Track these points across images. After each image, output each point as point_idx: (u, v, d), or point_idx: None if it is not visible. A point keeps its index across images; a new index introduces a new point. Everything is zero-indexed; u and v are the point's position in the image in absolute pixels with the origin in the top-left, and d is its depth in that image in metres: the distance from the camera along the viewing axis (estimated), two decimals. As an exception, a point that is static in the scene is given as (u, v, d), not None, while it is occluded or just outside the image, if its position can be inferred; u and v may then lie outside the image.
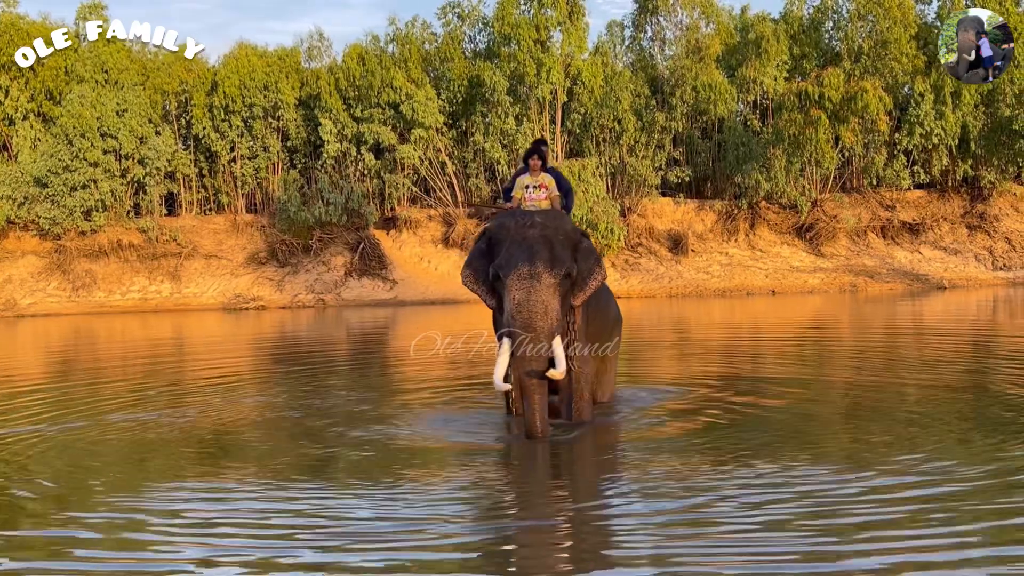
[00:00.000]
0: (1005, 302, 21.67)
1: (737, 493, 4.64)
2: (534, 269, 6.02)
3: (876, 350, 12.35)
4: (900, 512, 4.25)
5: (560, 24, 29.78)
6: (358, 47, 30.75)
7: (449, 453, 6.09)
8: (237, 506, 4.82)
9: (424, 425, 7.02)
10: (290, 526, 4.38)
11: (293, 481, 5.32)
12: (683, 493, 4.72)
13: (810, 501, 4.47)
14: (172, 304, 27.61)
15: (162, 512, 4.68)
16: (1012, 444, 5.66)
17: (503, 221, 6.39)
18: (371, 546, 4.06)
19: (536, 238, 6.15)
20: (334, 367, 12.31)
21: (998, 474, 4.91)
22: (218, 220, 30.43)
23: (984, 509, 4.29)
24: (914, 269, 28.32)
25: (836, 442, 6.10)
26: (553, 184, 6.84)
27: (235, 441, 6.80)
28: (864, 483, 4.77)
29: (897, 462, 5.24)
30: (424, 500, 4.79)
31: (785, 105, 28.74)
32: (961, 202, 30.76)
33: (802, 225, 29.55)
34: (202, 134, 30.02)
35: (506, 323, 6.07)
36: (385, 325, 20.56)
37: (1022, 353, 11.33)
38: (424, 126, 29.05)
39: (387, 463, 5.75)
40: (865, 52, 29.91)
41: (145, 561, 3.97)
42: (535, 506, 4.86)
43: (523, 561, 3.97)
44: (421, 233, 29.86)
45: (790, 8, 31.64)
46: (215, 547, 4.11)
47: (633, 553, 3.93)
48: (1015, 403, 7.18)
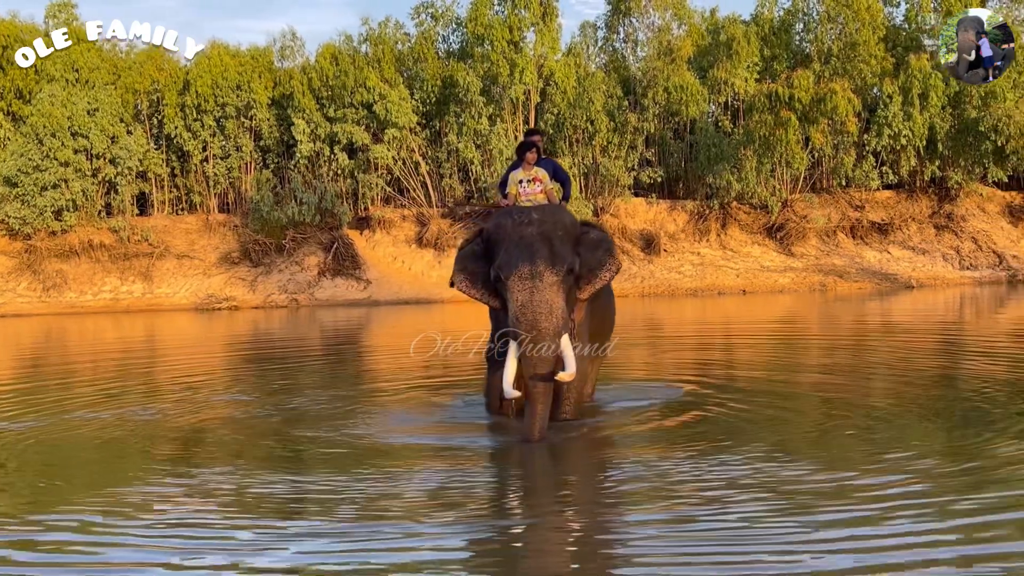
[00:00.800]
0: (971, 301, 22.02)
1: (714, 492, 4.72)
2: (535, 268, 5.91)
3: (848, 348, 12.56)
4: (874, 509, 4.34)
5: (533, 25, 29.90)
6: (331, 47, 30.73)
7: (424, 453, 6.07)
8: (204, 506, 4.80)
9: (395, 424, 7.04)
10: (261, 527, 4.39)
11: (258, 480, 5.31)
12: (662, 493, 4.80)
13: (785, 499, 4.56)
14: (144, 304, 27.47)
15: (123, 513, 4.66)
16: (983, 439, 5.80)
17: (500, 221, 6.25)
18: (345, 547, 4.08)
19: (534, 236, 6.03)
20: (306, 366, 12.35)
21: (970, 471, 5.04)
22: (190, 220, 30.31)
23: (957, 506, 4.38)
24: (883, 268, 28.67)
25: (810, 440, 6.18)
26: (547, 177, 6.69)
27: (200, 440, 6.78)
28: (842, 481, 4.86)
29: (870, 459, 5.35)
30: (399, 499, 4.81)
31: (756, 106, 29.01)
32: (929, 202, 31.15)
33: (773, 225, 29.84)
34: (174, 133, 29.88)
35: (511, 326, 5.98)
36: (359, 325, 20.60)
37: (989, 350, 11.55)
38: (397, 126, 29.08)
39: (358, 462, 5.74)
40: (834, 54, 30.25)
41: (110, 566, 3.93)
42: (512, 508, 4.91)
43: (501, 564, 3.99)
44: (395, 233, 29.87)
45: (761, 10, 31.92)
46: (180, 549, 4.09)
47: (614, 553, 4.02)
48: (984, 398, 7.35)
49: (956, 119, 29.95)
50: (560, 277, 5.99)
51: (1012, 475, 4.96)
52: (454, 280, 6.41)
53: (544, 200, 6.61)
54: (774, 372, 10.02)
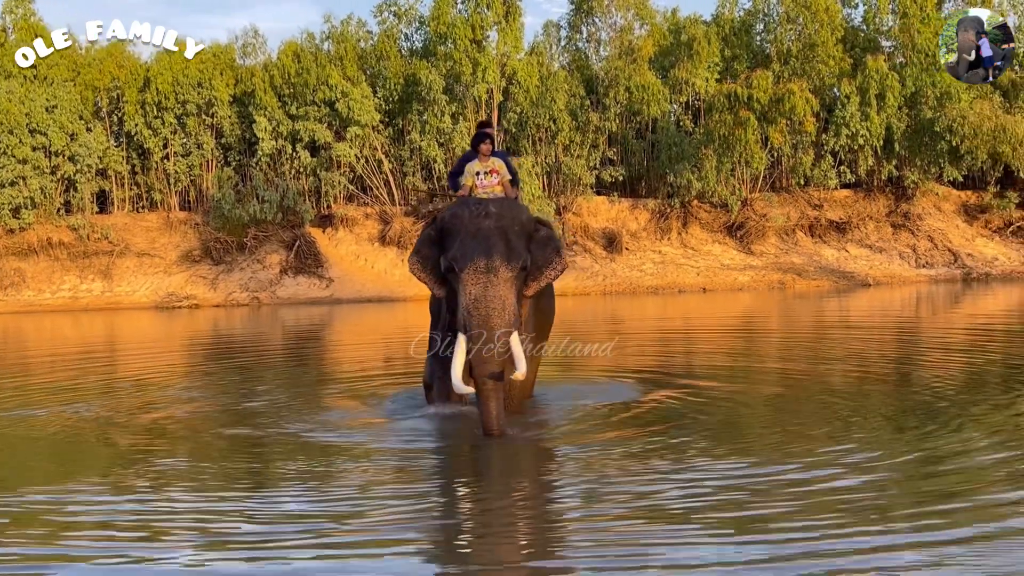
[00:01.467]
0: (927, 298, 22.37)
1: (670, 487, 4.79)
2: (491, 263, 5.86)
3: (806, 344, 12.78)
4: (829, 500, 4.45)
5: (496, 24, 29.97)
6: (293, 44, 30.65)
7: (377, 451, 6.06)
8: (135, 507, 4.76)
9: (350, 422, 7.06)
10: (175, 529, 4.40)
11: (187, 482, 5.31)
12: (617, 489, 4.86)
13: (740, 492, 4.64)
14: (103, 303, 27.26)
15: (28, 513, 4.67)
16: (936, 432, 5.96)
17: (456, 211, 6.17)
18: (301, 542, 4.10)
19: (491, 230, 5.97)
20: (267, 364, 12.37)
21: (923, 462, 5.18)
22: (151, 218, 30.10)
23: (909, 496, 4.52)
24: (840, 267, 29.05)
25: (767, 434, 6.28)
26: (504, 168, 6.66)
27: (148, 439, 6.74)
28: (794, 474, 4.97)
29: (825, 452, 5.47)
30: (352, 497, 4.85)
31: (715, 106, 29.28)
32: (886, 201, 31.59)
33: (733, 224, 30.14)
34: (134, 131, 29.66)
35: (461, 319, 5.93)
36: (321, 323, 20.60)
37: (943, 346, 11.79)
38: (360, 124, 29.05)
39: (313, 460, 5.74)
40: (793, 54, 30.60)
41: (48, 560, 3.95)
42: (464, 503, 4.93)
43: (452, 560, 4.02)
44: (357, 231, 29.85)
45: (722, 10, 32.22)
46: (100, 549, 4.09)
47: (562, 548, 4.07)
48: (937, 392, 7.55)
49: (912, 119, 30.39)
50: (514, 273, 5.99)
51: (945, 469, 5.10)
52: (408, 261, 6.41)
53: (500, 192, 6.59)
54: (735, 365, 10.20)
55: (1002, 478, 4.86)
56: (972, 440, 5.75)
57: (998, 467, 5.07)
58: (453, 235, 6.08)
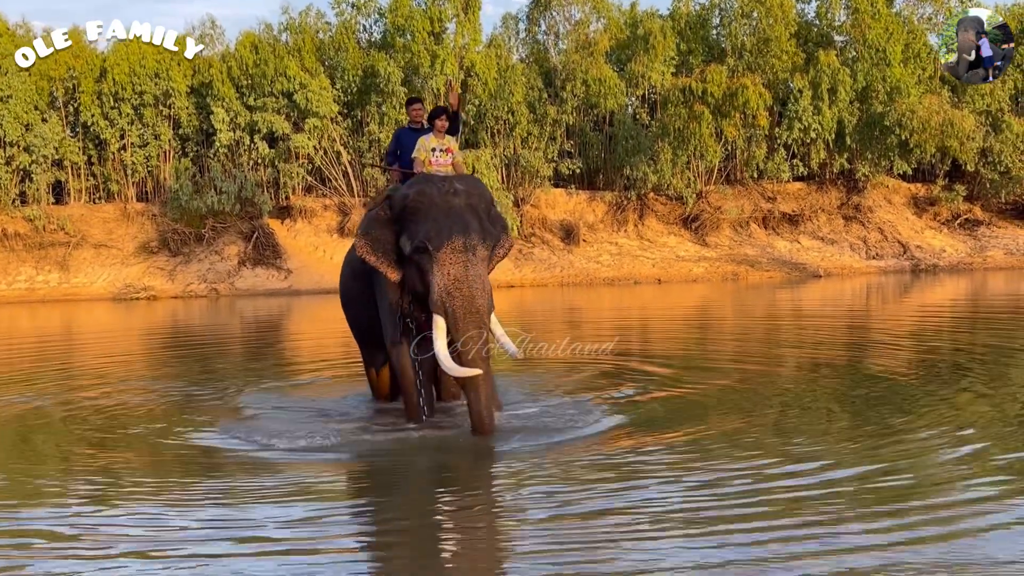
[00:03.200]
0: (877, 289, 22.87)
1: (622, 485, 4.89)
2: (468, 241, 5.68)
3: (759, 334, 13.15)
4: (779, 495, 4.58)
5: (455, 16, 30.13)
6: (251, 36, 30.58)
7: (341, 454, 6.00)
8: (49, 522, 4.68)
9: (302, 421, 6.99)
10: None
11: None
12: (566, 486, 4.95)
13: (699, 491, 4.78)
14: (60, 294, 27.15)
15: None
16: (887, 422, 6.19)
17: (422, 188, 5.88)
18: (250, 551, 4.10)
19: (463, 207, 5.78)
20: (224, 356, 12.51)
21: (877, 458, 5.27)
22: (108, 209, 29.96)
23: (861, 489, 4.67)
24: (793, 258, 29.60)
25: (719, 427, 6.36)
26: (457, 147, 6.48)
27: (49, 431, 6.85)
28: (753, 469, 5.12)
29: (777, 445, 5.66)
30: (307, 502, 4.85)
31: (671, 100, 29.67)
32: (838, 194, 32.19)
33: (688, 216, 30.59)
34: (91, 121, 29.48)
35: (437, 301, 5.67)
36: (280, 314, 20.72)
37: (893, 337, 12.20)
38: (318, 115, 29.11)
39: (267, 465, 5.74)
40: (748, 49, 31.06)
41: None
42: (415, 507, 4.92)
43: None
44: (316, 222, 29.92)
45: (678, 5, 32.58)
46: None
47: (509, 550, 4.14)
48: (887, 382, 7.82)
49: (863, 113, 30.97)
50: (488, 252, 5.85)
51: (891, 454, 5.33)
52: (356, 244, 6.03)
53: (451, 171, 6.39)
54: (689, 355, 10.46)
55: (952, 464, 5.12)
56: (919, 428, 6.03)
57: (944, 450, 5.36)
58: (419, 214, 5.80)
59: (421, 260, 5.76)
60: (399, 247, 5.94)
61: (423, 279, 5.78)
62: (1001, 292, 20.83)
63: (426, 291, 5.80)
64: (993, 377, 8.17)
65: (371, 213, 6.16)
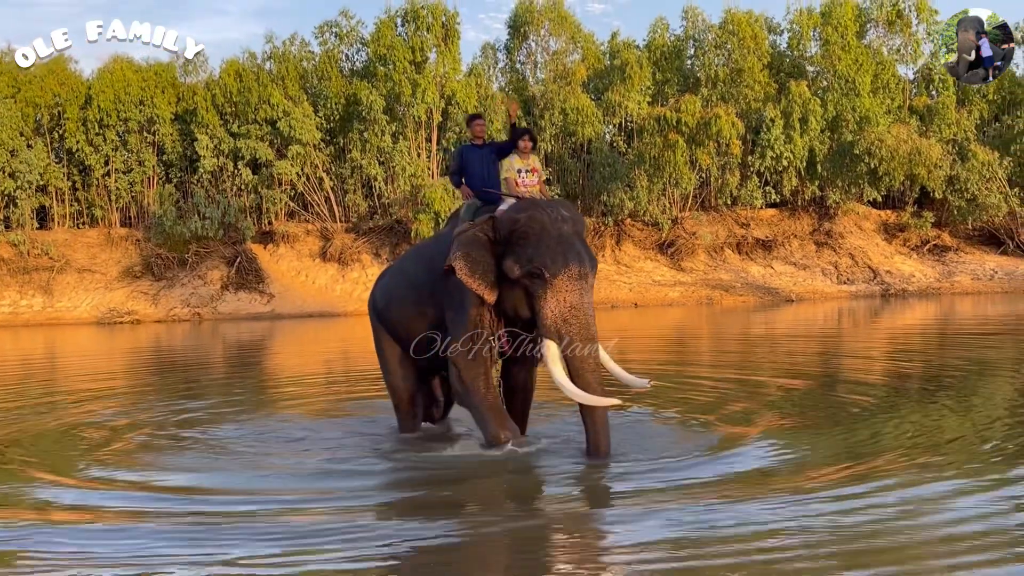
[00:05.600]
0: (848, 313, 23.29)
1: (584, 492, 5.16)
2: (583, 269, 5.69)
3: (734, 354, 13.61)
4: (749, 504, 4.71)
5: (436, 46, 30.75)
6: (235, 63, 31.08)
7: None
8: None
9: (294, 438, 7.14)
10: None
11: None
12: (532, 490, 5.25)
13: (669, 489, 4.99)
14: (44, 318, 27.43)
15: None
16: (859, 437, 6.37)
17: (534, 214, 5.81)
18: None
19: (572, 234, 5.78)
20: (208, 379, 12.83)
21: (847, 479, 5.27)
22: (92, 234, 30.30)
23: (830, 497, 4.81)
24: (766, 283, 30.23)
25: (689, 438, 6.56)
26: (541, 167, 6.38)
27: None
28: (725, 472, 5.36)
29: (750, 454, 5.87)
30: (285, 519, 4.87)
31: (646, 129, 30.34)
32: (810, 220, 32.91)
33: (664, 241, 31.22)
34: (76, 148, 29.88)
35: (551, 327, 5.67)
36: (262, 338, 21.03)
37: (865, 357, 12.54)
38: (301, 142, 29.60)
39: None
40: (721, 79, 31.84)
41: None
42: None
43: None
44: (299, 247, 30.35)
45: (653, 36, 33.35)
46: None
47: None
48: (859, 401, 8.01)
49: (834, 142, 31.77)
50: (594, 280, 5.87)
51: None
52: (454, 265, 5.82)
53: (539, 193, 6.38)
54: (666, 372, 10.84)
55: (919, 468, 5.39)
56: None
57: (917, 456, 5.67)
58: (531, 238, 5.74)
59: (532, 285, 5.72)
60: (498, 269, 5.87)
61: (530, 303, 5.78)
62: (987, 316, 21.34)
63: (531, 315, 5.81)
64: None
65: (468, 234, 5.94)
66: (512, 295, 5.82)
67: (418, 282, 6.58)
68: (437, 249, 6.38)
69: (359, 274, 29.33)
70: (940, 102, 32.53)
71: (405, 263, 7.10)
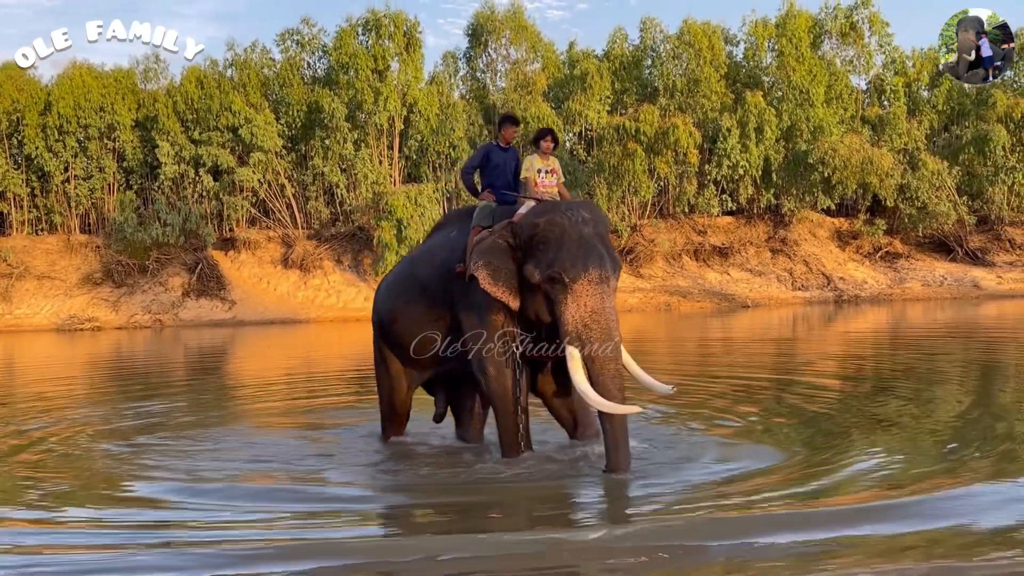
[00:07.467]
0: (803, 319, 23.68)
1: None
2: (604, 273, 5.51)
3: (692, 358, 13.94)
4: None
5: (397, 55, 30.99)
6: (196, 70, 31.08)
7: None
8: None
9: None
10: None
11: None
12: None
13: (640, 491, 5.10)
14: (3, 325, 27.26)
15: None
16: (817, 438, 6.48)
17: (553, 217, 5.65)
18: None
19: (594, 237, 5.60)
20: (168, 385, 12.92)
21: (805, 476, 5.37)
22: (51, 240, 30.16)
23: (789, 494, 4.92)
24: (723, 289, 30.76)
25: (659, 443, 6.47)
26: (560, 169, 6.22)
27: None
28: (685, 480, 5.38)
29: (713, 459, 5.91)
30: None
31: (606, 138, 30.77)
32: (765, 228, 33.52)
33: (623, 248, 31.61)
34: (35, 154, 29.73)
35: (572, 332, 5.49)
36: (223, 344, 21.09)
37: (819, 361, 12.84)
38: (263, 149, 29.68)
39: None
40: (679, 89, 32.37)
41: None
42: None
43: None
44: (260, 254, 30.40)
45: (612, 46, 33.82)
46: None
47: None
48: (815, 401, 8.20)
49: (788, 151, 32.41)
50: (616, 283, 5.69)
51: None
52: (477, 275, 5.71)
53: (557, 194, 6.19)
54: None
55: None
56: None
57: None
58: (551, 242, 5.60)
59: (553, 290, 5.57)
60: (519, 275, 5.75)
61: (551, 308, 5.63)
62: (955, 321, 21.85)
63: (553, 321, 5.65)
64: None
65: (488, 241, 5.81)
66: (534, 300, 5.69)
67: (430, 287, 6.39)
68: (448, 251, 6.27)
69: (321, 281, 29.45)
70: (892, 112, 33.28)
71: (414, 268, 6.76)
